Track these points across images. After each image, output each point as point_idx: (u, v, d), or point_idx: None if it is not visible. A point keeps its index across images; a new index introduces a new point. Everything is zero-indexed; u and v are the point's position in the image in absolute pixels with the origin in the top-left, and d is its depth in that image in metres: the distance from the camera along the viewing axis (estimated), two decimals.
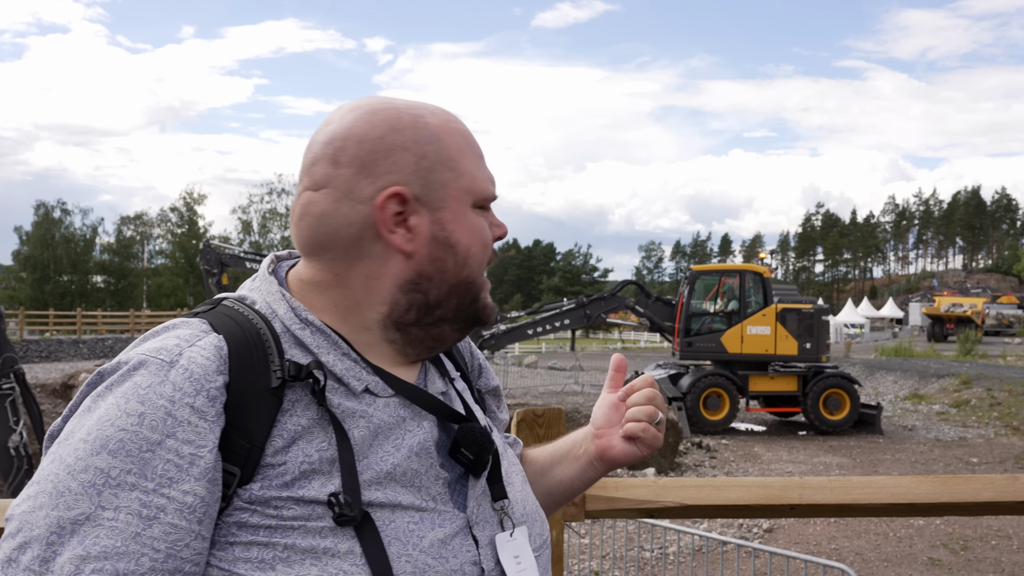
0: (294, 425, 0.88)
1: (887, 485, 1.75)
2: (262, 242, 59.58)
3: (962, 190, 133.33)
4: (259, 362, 0.89)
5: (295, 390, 0.90)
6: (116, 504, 0.80)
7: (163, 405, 0.83)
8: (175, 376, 0.84)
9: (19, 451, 5.95)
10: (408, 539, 0.88)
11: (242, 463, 0.85)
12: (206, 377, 0.85)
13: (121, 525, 0.79)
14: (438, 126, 0.98)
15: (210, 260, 16.05)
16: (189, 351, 0.87)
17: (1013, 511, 1.80)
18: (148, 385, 0.84)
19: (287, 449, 0.87)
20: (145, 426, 0.82)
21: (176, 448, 0.82)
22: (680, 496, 1.71)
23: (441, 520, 0.93)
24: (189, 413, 0.83)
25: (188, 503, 0.82)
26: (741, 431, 15.30)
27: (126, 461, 0.81)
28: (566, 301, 16.44)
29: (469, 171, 0.99)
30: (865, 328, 58.49)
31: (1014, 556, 7.32)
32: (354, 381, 0.93)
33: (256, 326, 0.92)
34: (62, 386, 12.11)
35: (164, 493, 0.81)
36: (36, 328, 37.87)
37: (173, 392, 0.83)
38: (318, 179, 0.96)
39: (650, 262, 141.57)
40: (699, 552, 6.98)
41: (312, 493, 0.86)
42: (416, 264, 0.96)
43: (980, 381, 19.73)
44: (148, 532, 0.80)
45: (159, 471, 0.81)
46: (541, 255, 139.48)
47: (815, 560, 3.97)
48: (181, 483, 0.82)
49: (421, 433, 0.96)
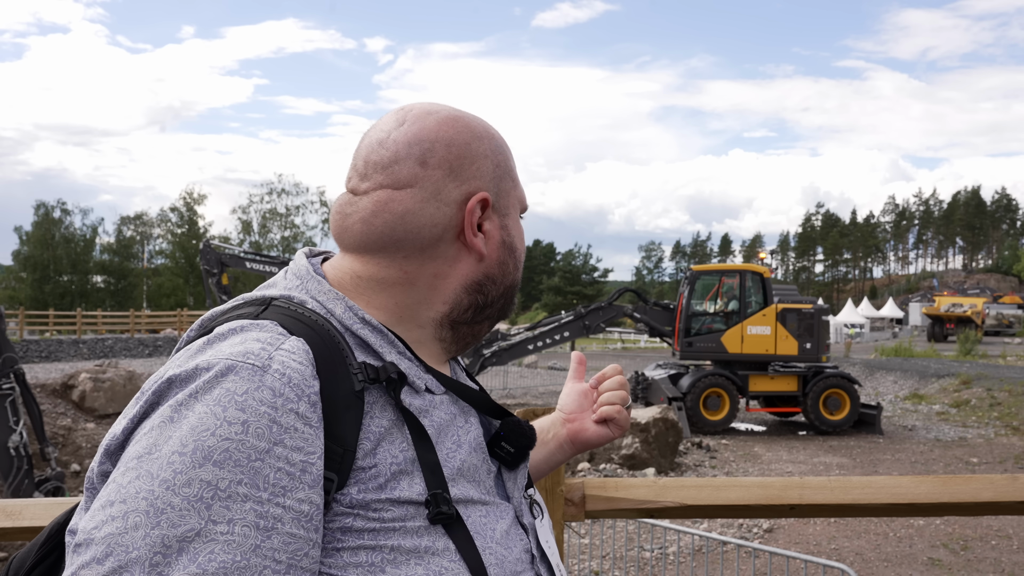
0: (377, 427, 0.88)
1: (887, 485, 1.75)
2: (262, 242, 59.59)
3: (962, 190, 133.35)
4: (340, 365, 0.88)
5: (372, 392, 0.90)
6: (229, 517, 0.76)
7: (266, 412, 0.80)
8: (272, 381, 0.81)
9: (19, 451, 5.95)
10: (485, 532, 0.91)
11: (337, 468, 0.84)
12: (305, 382, 0.83)
13: (238, 538, 0.76)
14: (502, 138, 1.05)
15: (210, 260, 16.04)
16: (278, 354, 0.84)
17: (1013, 511, 1.80)
18: (245, 391, 0.80)
19: (375, 451, 0.87)
20: (251, 434, 0.78)
21: (286, 456, 0.79)
22: (680, 496, 1.72)
23: (500, 512, 0.95)
24: (295, 419, 0.81)
25: (304, 511, 0.80)
26: (741, 431, 15.30)
27: (235, 471, 0.77)
28: (564, 313, 16.46)
29: (519, 181, 1.07)
30: (865, 328, 58.49)
31: (1014, 556, 7.32)
32: (417, 380, 0.94)
33: (326, 328, 0.90)
34: (62, 386, 12.10)
35: (279, 502, 0.78)
36: (36, 328, 37.87)
37: (274, 398, 0.81)
38: (402, 178, 0.96)
39: (650, 262, 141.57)
40: (699, 552, 6.98)
41: (406, 494, 0.86)
42: (486, 267, 1.01)
43: (980, 381, 19.73)
44: (268, 543, 0.77)
45: (271, 480, 0.78)
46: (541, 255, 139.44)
47: (815, 560, 3.97)
48: (296, 491, 0.79)
49: (473, 429, 0.98)
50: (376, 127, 1.01)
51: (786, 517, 1.81)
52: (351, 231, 0.98)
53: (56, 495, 6.19)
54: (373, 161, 0.98)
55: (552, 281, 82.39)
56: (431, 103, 1.03)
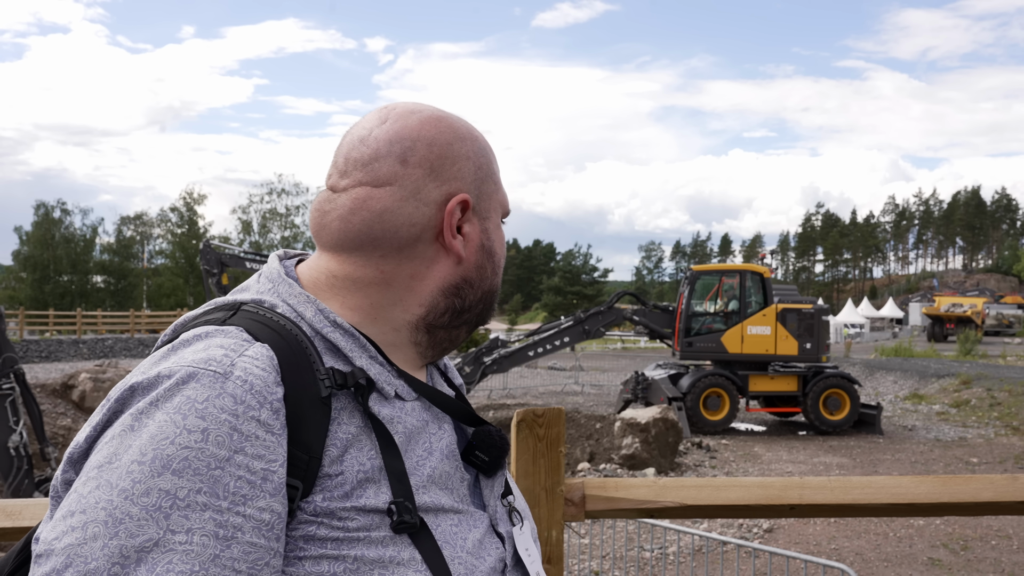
0: (344, 434, 0.87)
1: (887, 485, 1.75)
2: (262, 242, 59.59)
3: (962, 190, 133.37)
4: (306, 371, 0.86)
5: (339, 398, 0.88)
6: (188, 526, 0.75)
7: (227, 419, 0.79)
8: (233, 388, 0.80)
9: (19, 451, 5.95)
10: (455, 542, 0.89)
11: (302, 475, 0.83)
12: (267, 389, 0.82)
13: (197, 548, 0.75)
14: (485, 141, 1.03)
15: (210, 260, 16.03)
16: (241, 361, 0.83)
17: (1013, 511, 1.80)
18: (205, 399, 0.79)
19: (341, 459, 0.85)
20: (211, 442, 0.77)
21: (247, 464, 0.78)
22: (680, 496, 1.72)
23: (473, 521, 0.94)
24: (256, 427, 0.80)
25: (265, 520, 0.79)
26: (741, 431, 15.30)
27: (194, 480, 0.76)
28: (563, 318, 16.44)
29: (501, 185, 1.05)
30: (865, 328, 58.48)
31: (1014, 556, 7.32)
32: (386, 386, 0.93)
33: (293, 333, 0.89)
34: (62, 386, 12.10)
35: (239, 511, 0.77)
36: (36, 328, 37.87)
37: (235, 405, 0.80)
38: (382, 175, 0.95)
39: (650, 262, 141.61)
40: (699, 552, 6.98)
41: (371, 502, 0.85)
42: (464, 270, 0.98)
43: (980, 381, 19.73)
44: (227, 553, 0.76)
45: (231, 489, 0.77)
46: (541, 255, 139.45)
47: (815, 560, 3.97)
48: (256, 500, 0.78)
49: (446, 436, 0.97)
50: (358, 124, 1.00)
51: (786, 517, 1.81)
52: (329, 228, 0.96)
53: None
54: (353, 158, 0.96)
55: (552, 281, 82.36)
56: (415, 103, 1.01)
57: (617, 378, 21.82)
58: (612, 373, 24.19)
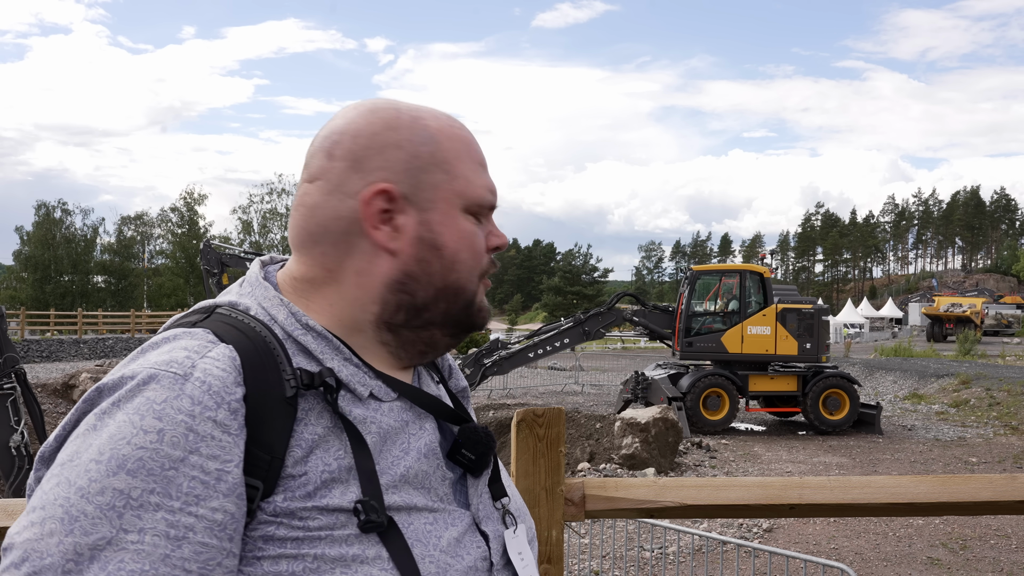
0: (310, 434, 0.87)
1: (886, 485, 1.75)
2: (262, 242, 59.57)
3: (961, 190, 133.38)
4: (271, 371, 0.87)
5: (307, 399, 0.88)
6: (140, 526, 0.76)
7: (183, 420, 0.79)
8: (191, 389, 0.81)
9: (20, 451, 5.95)
10: (428, 540, 0.89)
11: (264, 476, 0.83)
12: (225, 389, 0.82)
13: (148, 548, 0.76)
14: (437, 129, 0.97)
15: (210, 260, 16.03)
16: (202, 362, 0.83)
17: (1012, 511, 1.80)
18: (164, 400, 0.80)
19: (306, 459, 0.85)
20: (166, 443, 0.78)
21: (201, 464, 0.79)
22: (680, 496, 1.72)
23: (452, 519, 0.93)
24: (212, 427, 0.80)
25: (218, 520, 0.79)
26: (741, 431, 15.30)
27: (148, 480, 0.77)
28: (563, 319, 16.43)
29: (464, 175, 0.97)
30: (864, 328, 58.46)
31: (1013, 555, 7.33)
32: (360, 387, 0.93)
33: (261, 334, 0.90)
34: (63, 386, 12.11)
35: (191, 511, 0.78)
36: (37, 328, 37.87)
37: (192, 406, 0.80)
38: (313, 171, 0.96)
39: (650, 262, 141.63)
40: (699, 552, 6.99)
41: (336, 501, 0.85)
42: (402, 264, 0.95)
43: (979, 381, 19.73)
44: (178, 553, 0.77)
45: (184, 489, 0.78)
46: (541, 255, 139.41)
47: (815, 560, 3.97)
48: (209, 500, 0.79)
49: (426, 435, 0.96)
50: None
51: (786, 517, 1.81)
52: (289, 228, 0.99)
53: None
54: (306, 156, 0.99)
55: (552, 281, 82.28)
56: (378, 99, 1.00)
57: (617, 378, 21.81)
58: (612, 373, 24.18)
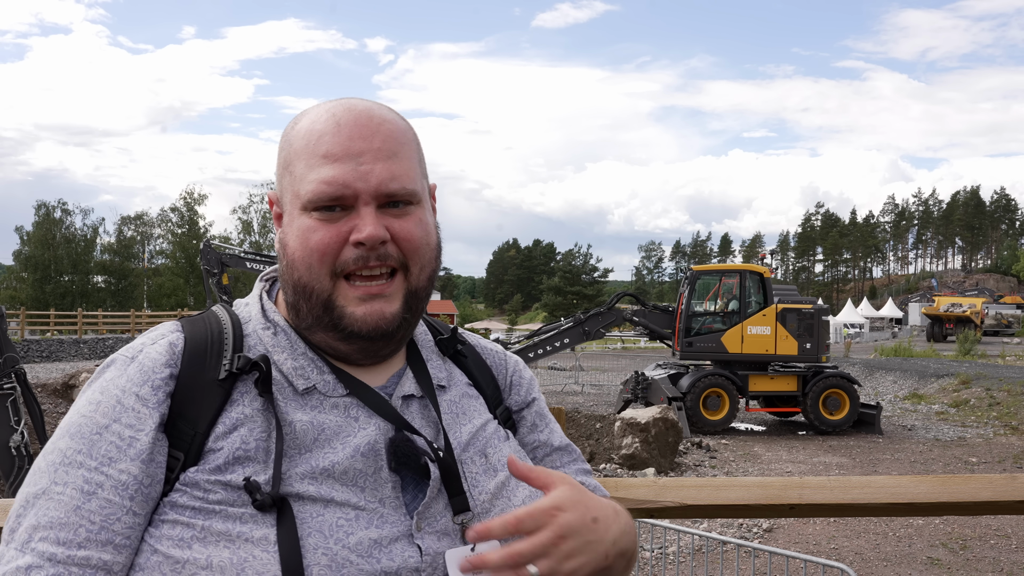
0: (238, 414, 0.93)
1: (886, 485, 1.75)
2: (262, 242, 59.55)
3: (961, 190, 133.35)
4: (212, 357, 0.96)
5: (245, 382, 0.96)
6: (65, 480, 0.89)
7: (116, 394, 0.93)
8: (131, 370, 0.94)
9: (20, 451, 5.95)
10: (332, 534, 0.90)
11: (186, 448, 0.92)
12: (153, 369, 0.94)
13: (67, 499, 0.88)
14: (299, 130, 1.00)
15: (210, 260, 16.03)
16: (149, 348, 0.96)
17: (1012, 511, 1.80)
18: (111, 378, 0.94)
19: (227, 435, 0.92)
20: (99, 412, 0.92)
21: (119, 431, 0.91)
22: (680, 496, 1.72)
23: (380, 522, 0.93)
24: (134, 400, 0.92)
25: (123, 481, 0.89)
26: (741, 431, 15.30)
27: (79, 442, 0.91)
28: (563, 320, 16.42)
29: (300, 174, 0.97)
30: (864, 328, 58.46)
31: (1013, 555, 7.33)
32: (299, 380, 0.97)
33: (222, 326, 1.00)
34: (63, 386, 12.10)
35: (103, 471, 0.89)
36: (37, 328, 37.85)
37: (126, 383, 0.93)
38: None
39: (650, 262, 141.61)
40: (699, 552, 6.99)
41: (238, 479, 0.90)
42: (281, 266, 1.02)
43: (979, 381, 19.73)
44: (87, 506, 0.88)
45: (102, 451, 0.90)
46: (541, 255, 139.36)
47: (815, 560, 3.97)
48: (118, 462, 0.90)
49: (371, 435, 0.96)
50: None
51: (786, 517, 1.82)
52: None
53: None
54: None
55: (552, 281, 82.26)
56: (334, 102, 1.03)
57: (617, 378, 21.81)
58: (612, 373, 24.18)
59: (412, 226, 0.99)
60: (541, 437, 1.17)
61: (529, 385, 1.18)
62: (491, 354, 1.19)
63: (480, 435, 1.07)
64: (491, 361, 1.18)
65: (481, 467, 1.04)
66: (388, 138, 0.98)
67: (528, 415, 1.17)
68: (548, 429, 1.18)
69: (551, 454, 1.17)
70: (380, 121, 0.99)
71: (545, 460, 1.16)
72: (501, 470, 1.05)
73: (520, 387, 1.17)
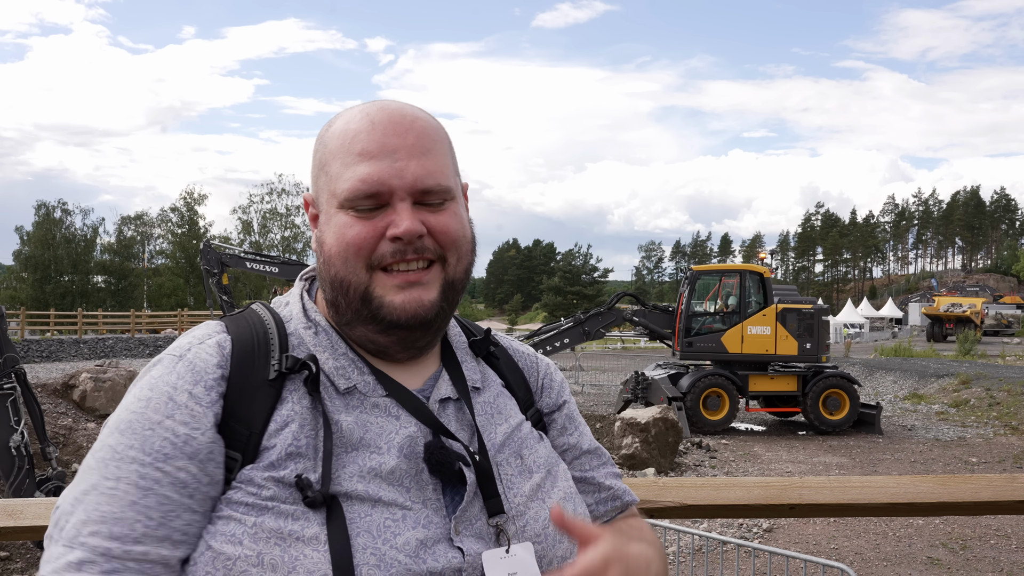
0: (288, 411, 0.94)
1: (886, 485, 1.75)
2: (262, 242, 59.56)
3: (961, 190, 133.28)
4: (260, 358, 0.97)
5: (294, 381, 0.97)
6: (117, 475, 0.88)
7: (166, 391, 0.92)
8: (180, 368, 0.94)
9: (20, 451, 5.94)
10: (380, 534, 0.90)
11: (243, 448, 0.92)
12: (205, 370, 0.94)
13: (121, 494, 0.88)
14: (334, 131, 1.02)
15: (210, 260, 16.03)
16: (197, 347, 0.97)
17: (1012, 511, 1.80)
18: (160, 375, 0.94)
19: (279, 433, 0.93)
20: (150, 408, 0.91)
21: (173, 428, 0.90)
22: (680, 496, 1.72)
23: (426, 522, 0.93)
24: (187, 398, 0.92)
25: (180, 479, 0.89)
26: (741, 431, 15.30)
27: (130, 438, 0.90)
28: (563, 319, 16.41)
29: (336, 173, 0.99)
30: (864, 328, 58.43)
31: (1013, 555, 7.33)
32: (340, 379, 0.98)
33: (266, 326, 1.01)
34: (63, 386, 12.09)
35: (159, 467, 0.89)
36: (37, 328, 37.85)
37: (176, 380, 0.93)
38: None
39: (650, 262, 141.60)
40: (699, 552, 6.99)
41: (290, 475, 0.90)
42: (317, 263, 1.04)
43: (979, 381, 19.72)
44: (143, 501, 0.87)
45: (156, 447, 0.89)
46: (541, 255, 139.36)
47: (815, 560, 3.97)
48: (175, 459, 0.89)
49: (411, 436, 0.97)
50: None
51: (786, 517, 1.81)
52: None
53: (57, 495, 6.18)
54: None
55: (552, 281, 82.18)
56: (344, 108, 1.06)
57: (617, 378, 21.81)
58: (612, 373, 24.18)
59: (448, 219, 1.00)
60: (571, 440, 1.17)
61: (560, 388, 1.19)
62: (523, 356, 1.19)
63: (515, 436, 1.07)
64: (523, 363, 1.18)
65: (516, 469, 1.04)
66: (421, 135, 1.00)
67: (559, 418, 1.17)
68: (578, 432, 1.18)
69: (580, 457, 1.17)
70: (413, 119, 1.00)
71: (574, 463, 1.16)
72: (536, 472, 1.05)
73: (551, 389, 1.18)
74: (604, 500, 1.16)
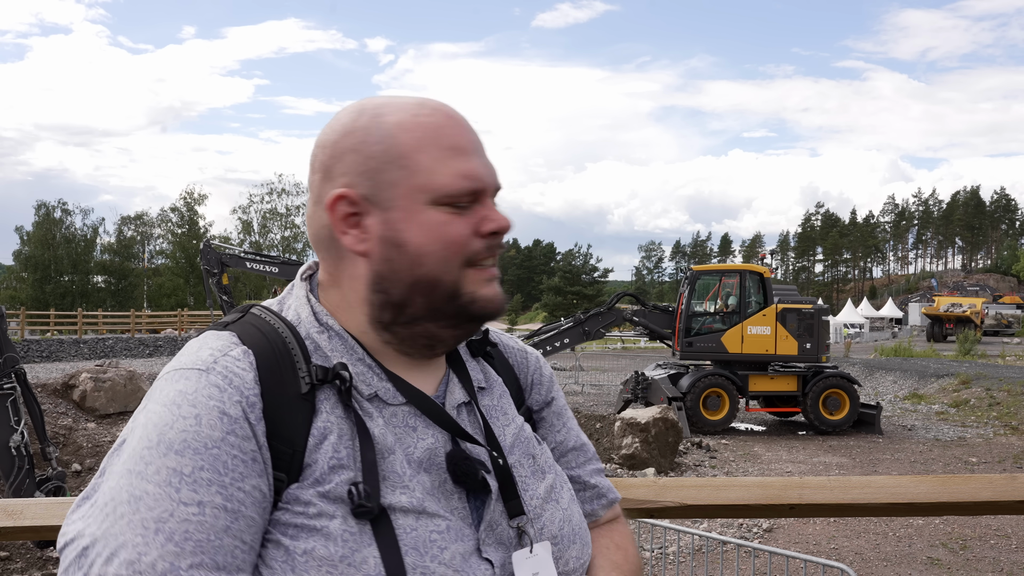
0: (324, 423, 0.90)
1: (886, 485, 1.75)
2: (262, 242, 59.58)
3: (961, 190, 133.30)
4: (287, 370, 0.91)
5: (324, 391, 0.92)
6: (198, 499, 0.81)
7: (215, 405, 0.85)
8: (215, 379, 0.87)
9: (20, 451, 5.94)
10: (428, 550, 0.88)
11: (287, 468, 0.87)
12: (245, 385, 0.88)
13: (209, 519, 0.81)
14: (396, 123, 0.95)
15: (210, 260, 16.04)
16: (223, 359, 0.89)
17: (1012, 511, 1.80)
18: (194, 390, 0.86)
19: (319, 447, 0.89)
20: (204, 425, 0.84)
21: (238, 444, 0.84)
22: (680, 496, 1.71)
23: (462, 535, 0.92)
24: (240, 412, 0.86)
25: (257, 498, 0.84)
26: (741, 431, 15.30)
27: (195, 458, 0.82)
28: (563, 320, 16.41)
29: (426, 167, 0.94)
30: (864, 328, 58.44)
31: (1013, 555, 7.33)
32: (363, 386, 0.94)
33: (281, 335, 0.95)
34: (63, 386, 12.10)
35: (240, 487, 0.83)
36: (37, 328, 37.85)
37: (220, 393, 0.86)
38: (308, 184, 1.02)
39: (650, 262, 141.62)
40: (699, 552, 6.99)
41: (335, 488, 0.87)
42: (373, 264, 0.96)
43: (979, 381, 19.72)
44: (235, 525, 0.82)
45: (228, 466, 0.83)
46: (541, 255, 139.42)
47: (815, 560, 3.98)
48: (249, 478, 0.84)
49: (431, 444, 0.95)
50: None
51: (786, 517, 1.81)
52: None
53: (57, 495, 6.19)
54: None
55: (552, 281, 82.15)
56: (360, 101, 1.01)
57: (617, 378, 21.81)
58: (612, 373, 24.18)
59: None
60: (558, 438, 1.15)
61: (549, 383, 1.17)
62: (513, 352, 1.17)
63: (522, 436, 1.07)
64: (513, 359, 1.16)
65: (530, 470, 1.03)
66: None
67: (547, 415, 1.16)
68: (565, 428, 1.17)
69: (566, 455, 1.16)
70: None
71: (560, 461, 1.14)
72: (548, 472, 1.05)
73: (541, 386, 1.16)
74: (590, 499, 1.16)
